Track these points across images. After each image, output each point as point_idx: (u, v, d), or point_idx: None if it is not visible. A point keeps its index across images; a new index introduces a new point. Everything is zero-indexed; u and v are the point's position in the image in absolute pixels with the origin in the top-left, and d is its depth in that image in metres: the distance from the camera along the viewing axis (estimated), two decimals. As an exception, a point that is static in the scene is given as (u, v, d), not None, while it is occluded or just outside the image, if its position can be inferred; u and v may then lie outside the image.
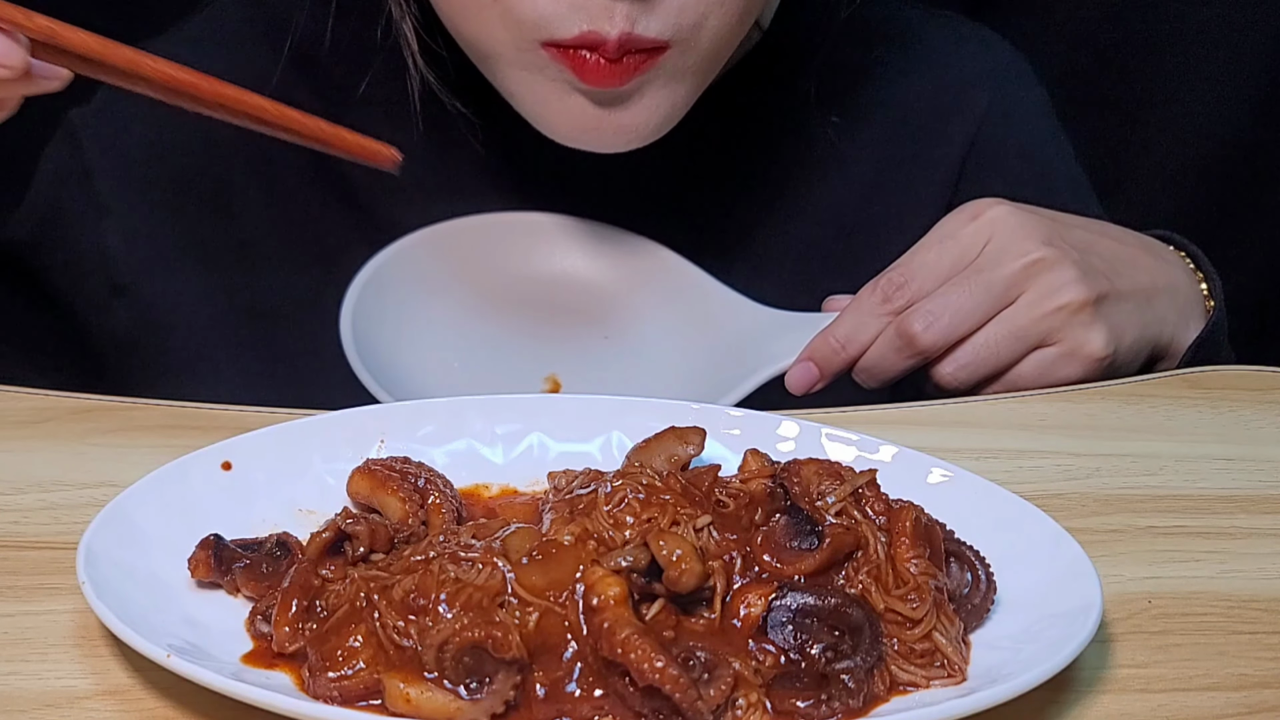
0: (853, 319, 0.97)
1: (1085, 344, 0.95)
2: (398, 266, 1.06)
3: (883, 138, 1.14)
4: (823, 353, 0.98)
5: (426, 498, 0.72)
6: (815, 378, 0.98)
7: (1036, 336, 0.95)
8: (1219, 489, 0.83)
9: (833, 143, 1.13)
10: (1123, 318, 0.96)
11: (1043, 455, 0.86)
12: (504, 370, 1.06)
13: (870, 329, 0.97)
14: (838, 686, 0.60)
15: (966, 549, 0.68)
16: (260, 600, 0.66)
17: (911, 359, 0.96)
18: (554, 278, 1.10)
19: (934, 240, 0.97)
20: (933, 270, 0.96)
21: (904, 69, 1.16)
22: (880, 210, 1.13)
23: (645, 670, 0.58)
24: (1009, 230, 0.95)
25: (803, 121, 1.13)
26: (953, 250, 0.96)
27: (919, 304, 0.95)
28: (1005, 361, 0.96)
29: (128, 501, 0.69)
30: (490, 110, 1.04)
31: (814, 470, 0.69)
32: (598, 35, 0.91)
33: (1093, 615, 0.63)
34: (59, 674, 0.63)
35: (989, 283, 0.94)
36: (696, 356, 1.06)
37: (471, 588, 0.61)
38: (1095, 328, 0.95)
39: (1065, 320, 0.94)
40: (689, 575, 0.61)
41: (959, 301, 0.95)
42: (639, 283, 1.09)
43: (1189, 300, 1.01)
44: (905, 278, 0.96)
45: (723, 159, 1.12)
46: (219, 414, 0.85)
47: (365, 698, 0.60)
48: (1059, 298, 0.94)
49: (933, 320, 0.95)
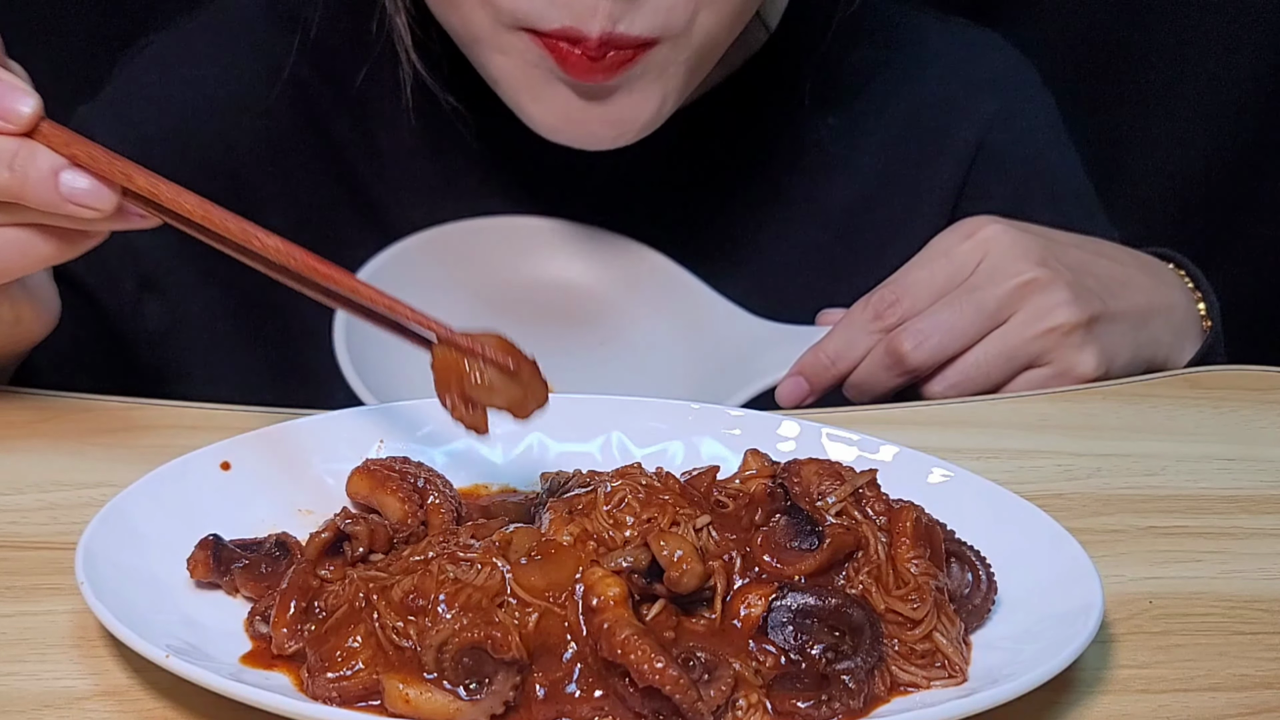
0: (844, 335, 0.97)
1: (1076, 365, 0.95)
2: (392, 270, 1.06)
3: (888, 141, 1.14)
4: (813, 368, 0.98)
5: (426, 498, 0.71)
6: (805, 392, 0.98)
7: (1027, 357, 0.95)
8: (1220, 489, 0.83)
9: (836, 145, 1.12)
10: (1115, 339, 0.96)
11: (1044, 455, 0.86)
12: None
13: (861, 346, 0.97)
14: (838, 687, 0.60)
15: (967, 549, 0.67)
16: (259, 601, 0.66)
17: (901, 377, 0.96)
18: (548, 283, 1.10)
19: (927, 258, 0.97)
20: (925, 288, 0.96)
21: (910, 73, 1.15)
22: (884, 215, 1.13)
23: (646, 671, 0.57)
24: (1002, 249, 0.95)
25: (805, 125, 1.12)
26: (945, 268, 0.96)
27: (910, 322, 0.95)
28: (995, 382, 0.95)
29: (127, 502, 0.69)
30: (484, 105, 1.04)
31: (814, 470, 0.69)
32: (577, 31, 0.90)
33: (1094, 615, 0.63)
34: (58, 674, 0.63)
35: (980, 302, 0.94)
36: (689, 365, 1.06)
37: (471, 588, 0.61)
38: (1086, 349, 0.95)
39: (1056, 342, 0.94)
40: (690, 576, 0.61)
41: (950, 320, 0.94)
42: (634, 290, 1.09)
43: (1185, 320, 1.01)
44: (897, 295, 0.96)
45: (725, 161, 1.12)
46: (219, 414, 0.85)
47: (364, 698, 0.60)
48: (1051, 319, 0.94)
49: (923, 339, 0.94)
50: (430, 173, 1.09)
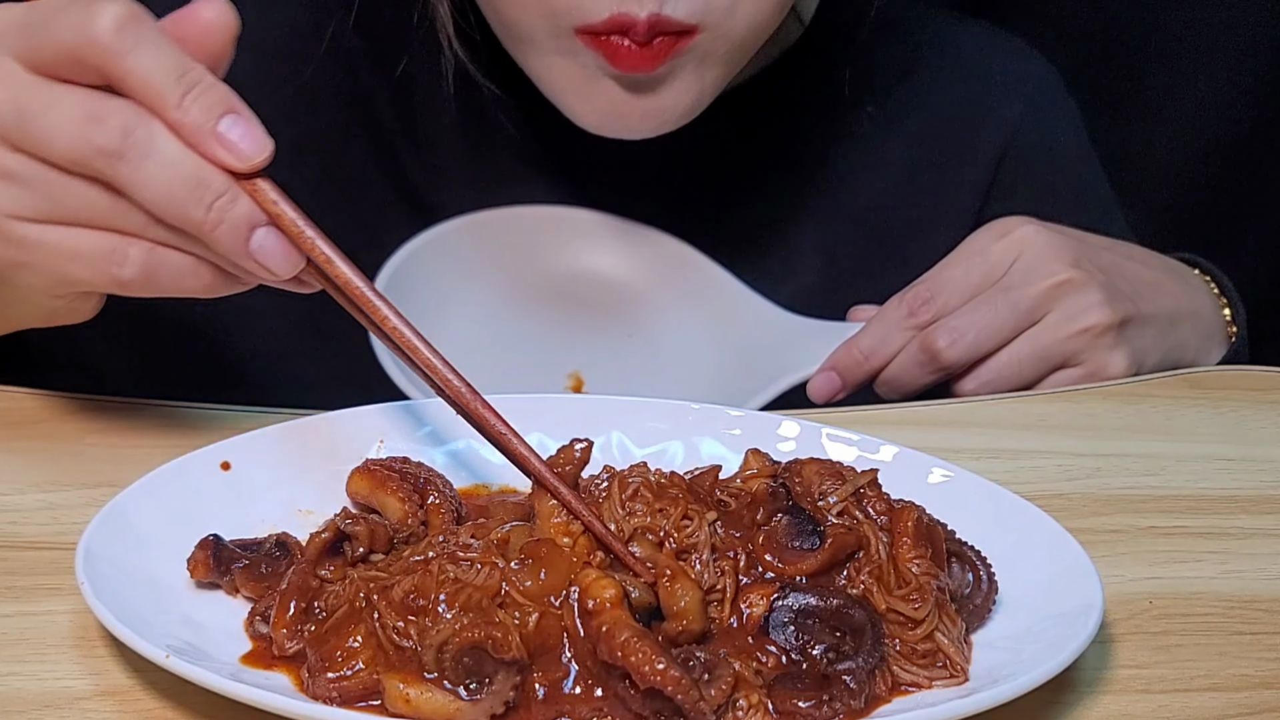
0: (877, 331, 0.98)
1: (1107, 366, 0.95)
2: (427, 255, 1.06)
3: (917, 140, 1.14)
4: (846, 363, 0.98)
5: (426, 498, 0.71)
6: (838, 387, 0.99)
7: (1059, 357, 0.95)
8: (1220, 489, 0.83)
9: (868, 140, 1.13)
10: (1146, 342, 0.97)
11: (1043, 455, 0.86)
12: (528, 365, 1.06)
13: (894, 342, 0.97)
14: (839, 687, 0.60)
15: (968, 549, 0.67)
16: (259, 601, 0.66)
17: (934, 374, 0.96)
18: (581, 273, 1.10)
19: (962, 256, 0.97)
20: (959, 286, 0.96)
21: (940, 73, 1.16)
22: (912, 213, 1.14)
23: (647, 673, 0.57)
24: (1037, 250, 0.96)
25: (839, 119, 1.13)
26: (980, 267, 0.96)
27: (944, 319, 0.95)
28: (1027, 380, 0.96)
29: (127, 502, 0.69)
30: (524, 93, 1.04)
31: (815, 470, 0.69)
32: (628, 17, 0.90)
33: (1094, 616, 0.63)
34: (58, 674, 0.63)
35: (1015, 301, 0.95)
36: (720, 360, 1.06)
37: (471, 588, 0.61)
38: (1118, 351, 0.95)
39: (1089, 343, 0.95)
40: (688, 635, 0.61)
41: (984, 319, 0.95)
42: (666, 283, 1.09)
43: (1212, 325, 1.01)
44: (932, 292, 0.96)
45: (760, 154, 1.12)
46: (219, 414, 0.85)
47: (365, 698, 0.60)
48: (1084, 320, 0.94)
49: (957, 337, 0.95)
50: (469, 159, 1.09)
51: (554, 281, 1.10)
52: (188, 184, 0.66)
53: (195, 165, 0.67)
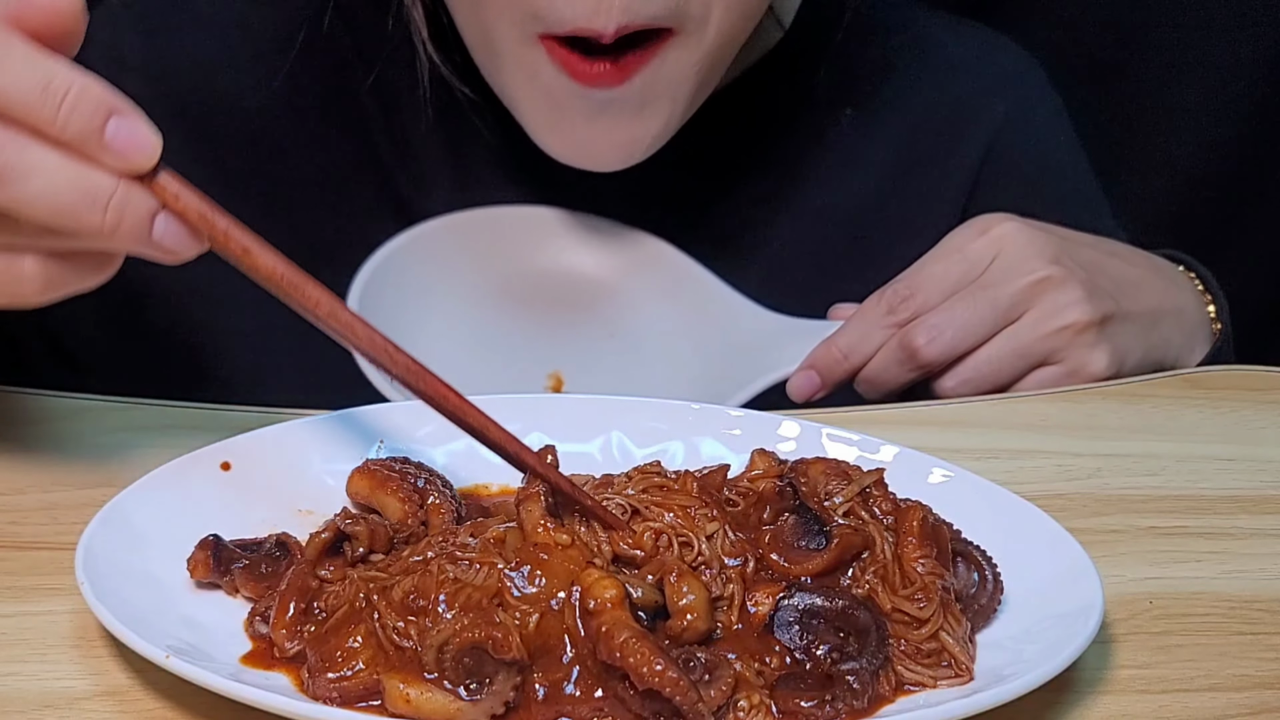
0: (857, 329, 0.97)
1: (1088, 364, 0.95)
2: (407, 255, 1.06)
3: (899, 140, 1.14)
4: (825, 362, 0.98)
5: (426, 498, 0.71)
6: (817, 386, 0.98)
7: (1039, 355, 0.95)
8: (1220, 489, 0.83)
9: (849, 141, 1.12)
10: (1127, 339, 0.96)
11: (1043, 455, 0.86)
12: (508, 365, 1.06)
13: (874, 340, 0.97)
14: (842, 687, 0.60)
15: (974, 549, 0.67)
16: (259, 601, 0.66)
17: (913, 372, 0.96)
18: (560, 273, 1.10)
19: (941, 253, 0.97)
20: (939, 283, 0.96)
21: (922, 73, 1.15)
22: (895, 213, 1.13)
23: (645, 674, 0.57)
24: (1017, 247, 0.95)
25: (819, 121, 1.12)
26: (960, 264, 0.96)
27: (923, 317, 0.95)
28: (1007, 378, 0.96)
29: (126, 501, 0.69)
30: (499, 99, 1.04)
31: (821, 470, 0.69)
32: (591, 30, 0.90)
33: (1094, 616, 0.63)
34: (58, 675, 0.63)
35: (994, 299, 0.94)
36: (700, 359, 1.06)
37: (471, 588, 0.61)
38: (1099, 348, 0.95)
39: (1069, 340, 0.94)
40: (692, 633, 0.61)
41: (963, 316, 0.94)
42: (645, 282, 1.09)
43: (1195, 323, 1.01)
44: (911, 290, 0.96)
45: (739, 155, 1.12)
46: (219, 414, 0.85)
47: (365, 698, 0.60)
48: (1064, 317, 0.94)
49: (936, 334, 0.94)
50: (447, 160, 1.09)
51: (534, 281, 1.09)
52: (77, 191, 0.64)
53: (78, 171, 0.64)
